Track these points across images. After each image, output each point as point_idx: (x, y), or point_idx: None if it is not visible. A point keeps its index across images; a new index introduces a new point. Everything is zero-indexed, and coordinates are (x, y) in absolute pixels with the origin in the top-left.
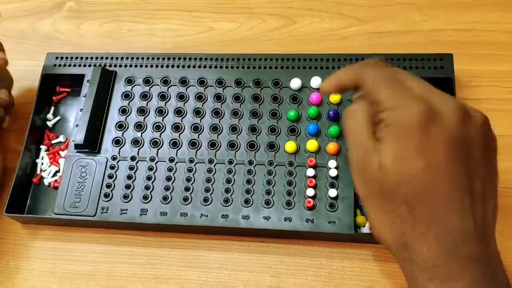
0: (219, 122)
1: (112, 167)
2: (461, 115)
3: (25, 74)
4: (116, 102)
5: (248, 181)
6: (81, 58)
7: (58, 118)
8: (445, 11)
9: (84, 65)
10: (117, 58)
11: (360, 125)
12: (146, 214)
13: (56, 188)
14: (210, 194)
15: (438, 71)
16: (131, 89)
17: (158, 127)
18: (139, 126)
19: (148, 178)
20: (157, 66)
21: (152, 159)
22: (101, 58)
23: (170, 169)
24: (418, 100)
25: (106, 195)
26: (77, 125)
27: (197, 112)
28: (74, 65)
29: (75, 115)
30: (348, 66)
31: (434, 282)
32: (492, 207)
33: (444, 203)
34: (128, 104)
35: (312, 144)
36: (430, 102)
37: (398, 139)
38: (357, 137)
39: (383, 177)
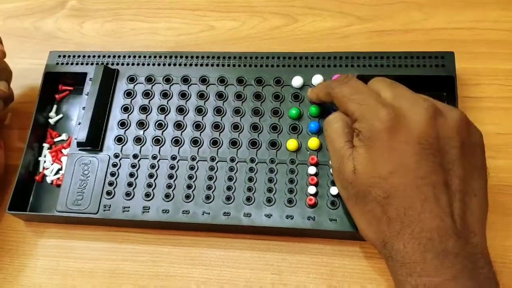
0: (221, 120)
1: (114, 165)
2: (429, 115)
3: (28, 73)
4: (118, 100)
5: (250, 179)
6: (84, 56)
7: (60, 116)
8: (446, 10)
9: (87, 64)
10: (119, 57)
11: (337, 133)
12: (148, 211)
13: (58, 186)
14: (212, 192)
15: (439, 69)
16: (133, 87)
17: (160, 125)
18: (141, 124)
19: (150, 176)
20: (159, 65)
21: (154, 157)
22: (104, 56)
23: (172, 167)
24: (383, 106)
25: (108, 193)
26: (79, 123)
27: (199, 110)
28: (77, 64)
29: (77, 113)
30: (323, 83)
31: (413, 277)
32: (478, 203)
33: (416, 202)
34: (130, 102)
35: (313, 142)
36: (398, 106)
37: (368, 145)
38: (334, 144)
39: (357, 181)
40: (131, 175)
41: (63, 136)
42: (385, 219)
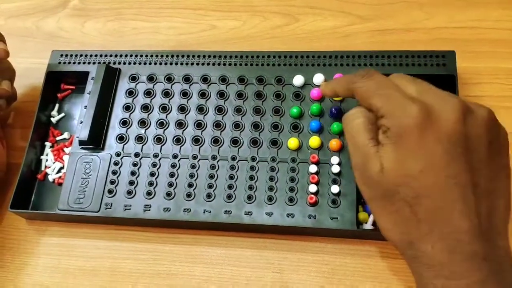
0: (222, 119)
1: (116, 164)
2: (460, 113)
3: (30, 72)
4: (120, 99)
5: (251, 178)
6: (86, 55)
7: (62, 115)
8: (447, 9)
9: (89, 63)
10: (121, 56)
11: (359, 130)
12: (149, 210)
13: (60, 184)
14: (213, 190)
15: (440, 68)
16: (135, 86)
17: (161, 124)
18: (143, 123)
19: (152, 174)
20: (160, 64)
21: (155, 156)
22: (105, 55)
23: (173, 166)
24: (413, 102)
25: (110, 191)
26: (81, 122)
27: (201, 109)
28: (79, 63)
29: (79, 112)
30: (343, 77)
31: (440, 280)
32: (503, 205)
33: (446, 202)
34: (132, 101)
35: (314, 141)
36: (426, 103)
37: (396, 142)
38: (357, 142)
39: (384, 180)
40: (133, 173)
41: (65, 135)
42: (414, 220)
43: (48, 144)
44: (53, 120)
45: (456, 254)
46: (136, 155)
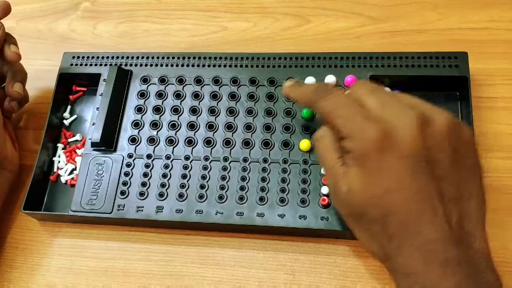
0: (234, 120)
1: (128, 165)
2: (416, 127)
3: (42, 74)
4: (132, 100)
5: (263, 179)
6: (97, 57)
7: (74, 117)
8: (460, 10)
9: (100, 65)
10: (132, 58)
11: (327, 151)
12: (162, 211)
13: (72, 186)
14: (225, 192)
15: (453, 70)
16: (147, 88)
17: (173, 126)
18: (154, 125)
19: (164, 175)
20: (172, 65)
21: (167, 157)
22: (117, 57)
23: (185, 167)
24: (371, 124)
25: (122, 193)
26: (93, 124)
27: (212, 111)
28: (91, 65)
29: (91, 114)
30: (306, 90)
31: (417, 287)
32: (475, 206)
33: (414, 217)
34: (144, 103)
35: None
36: (384, 119)
37: (359, 165)
38: (326, 163)
39: (352, 201)
40: (145, 175)
41: (77, 137)
42: (385, 236)
43: (60, 145)
44: (66, 122)
45: (430, 262)
46: (148, 156)
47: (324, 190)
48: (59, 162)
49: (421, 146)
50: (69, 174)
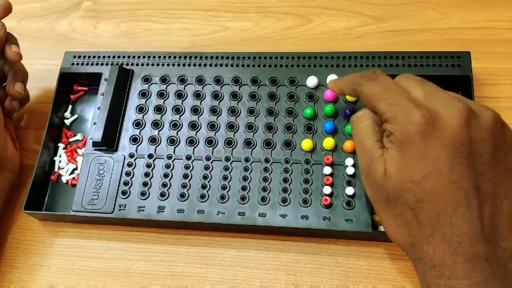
0: (236, 120)
1: (129, 165)
2: (464, 117)
3: (43, 73)
4: (133, 100)
5: (265, 179)
6: (99, 57)
7: (75, 116)
8: (462, 9)
9: (102, 64)
10: (134, 57)
11: (365, 133)
12: (163, 211)
13: (74, 185)
14: (227, 192)
15: (455, 69)
16: (148, 88)
17: (175, 125)
18: (156, 124)
19: (165, 175)
20: (173, 65)
21: (169, 157)
22: (118, 57)
23: (187, 167)
24: (416, 108)
25: (123, 193)
26: (94, 123)
27: (214, 110)
28: (92, 64)
29: (92, 114)
30: (349, 77)
31: (442, 280)
32: (508, 207)
33: (448, 207)
34: (145, 103)
35: (328, 142)
36: (431, 107)
37: (400, 148)
38: (363, 144)
39: (387, 184)
40: (146, 175)
41: (78, 136)
42: (416, 223)
43: (61, 145)
44: (67, 121)
45: (458, 255)
46: (150, 156)
47: (326, 190)
48: (60, 162)
49: (466, 137)
50: (70, 174)
